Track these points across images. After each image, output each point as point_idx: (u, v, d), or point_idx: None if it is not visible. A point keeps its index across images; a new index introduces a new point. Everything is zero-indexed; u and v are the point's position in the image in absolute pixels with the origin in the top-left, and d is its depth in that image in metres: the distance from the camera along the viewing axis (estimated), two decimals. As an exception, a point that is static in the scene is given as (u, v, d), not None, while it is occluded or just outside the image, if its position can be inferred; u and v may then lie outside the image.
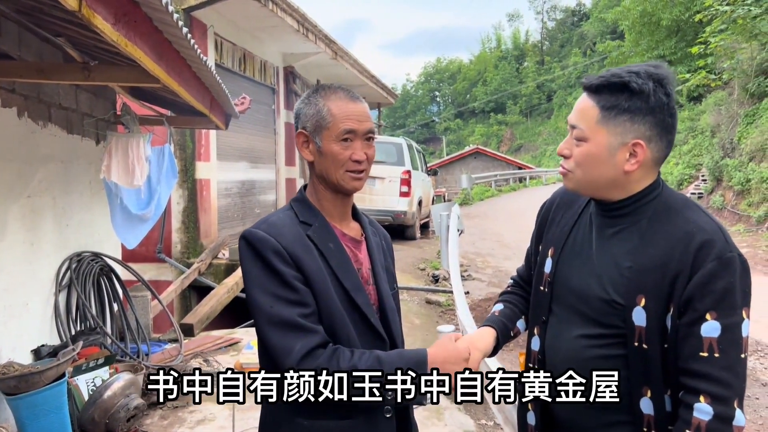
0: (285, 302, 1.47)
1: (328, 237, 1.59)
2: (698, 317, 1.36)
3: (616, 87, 1.45)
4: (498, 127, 62.12)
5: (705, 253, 1.37)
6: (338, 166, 1.58)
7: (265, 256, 1.49)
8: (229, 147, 9.79)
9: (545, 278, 1.67)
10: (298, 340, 1.44)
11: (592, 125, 1.47)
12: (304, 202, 1.65)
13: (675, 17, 26.32)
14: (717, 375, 1.34)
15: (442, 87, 79.00)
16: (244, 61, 10.34)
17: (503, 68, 67.35)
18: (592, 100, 1.49)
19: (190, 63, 4.18)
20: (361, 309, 1.56)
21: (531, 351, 1.72)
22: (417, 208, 12.93)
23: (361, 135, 1.59)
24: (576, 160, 1.52)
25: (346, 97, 1.61)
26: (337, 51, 12.23)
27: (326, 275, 1.53)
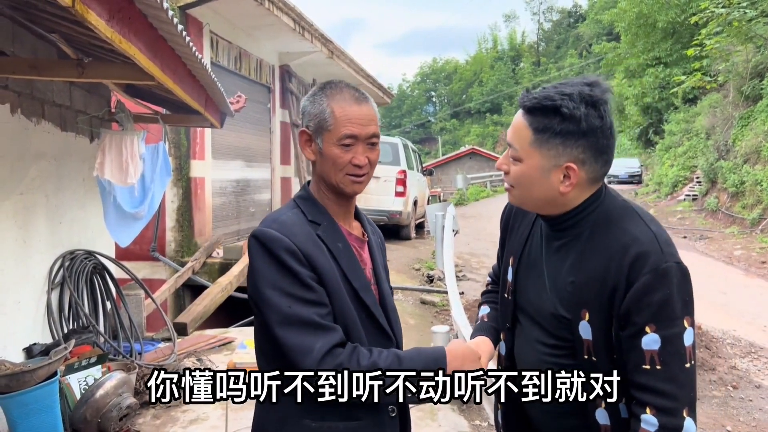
0: (303, 302, 1.45)
1: (337, 237, 1.58)
2: (637, 330, 1.35)
3: (548, 110, 1.43)
4: (494, 127, 62.15)
5: (639, 265, 1.35)
6: (338, 169, 1.56)
7: (280, 256, 1.47)
8: (224, 145, 9.76)
9: (508, 286, 1.69)
10: (318, 339, 1.42)
11: (526, 147, 1.47)
12: (310, 200, 1.63)
13: (671, 19, 26.38)
14: (660, 387, 1.34)
15: (438, 87, 79.03)
16: (239, 60, 10.31)
17: (499, 69, 67.42)
18: (526, 120, 1.47)
19: (185, 60, 4.15)
20: (369, 309, 1.56)
21: (499, 355, 1.76)
22: (412, 208, 12.92)
23: (363, 139, 1.56)
24: (513, 178, 1.53)
25: (351, 98, 1.57)
26: (333, 50, 12.21)
27: (337, 275, 1.52)
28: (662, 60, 28.23)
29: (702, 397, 5.19)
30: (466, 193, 25.70)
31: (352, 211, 1.69)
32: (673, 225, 16.87)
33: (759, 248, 12.86)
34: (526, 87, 1.50)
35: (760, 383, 5.56)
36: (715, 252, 13.15)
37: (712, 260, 12.22)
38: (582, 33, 58.94)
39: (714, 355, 6.07)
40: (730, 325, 7.24)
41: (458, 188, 26.13)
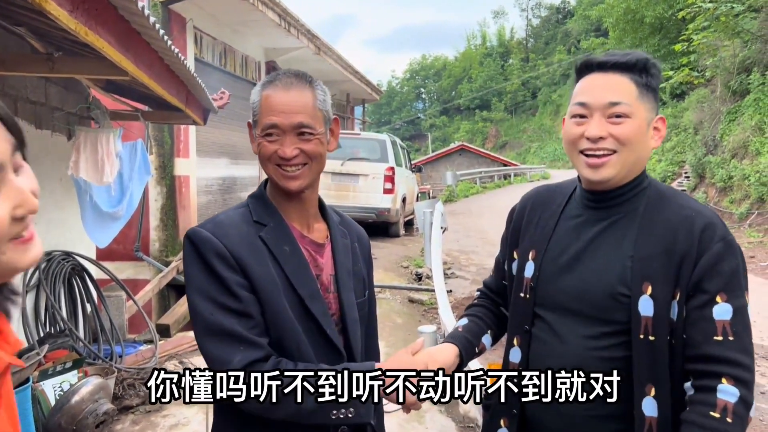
0: (226, 311, 1.34)
1: (284, 239, 1.45)
2: (709, 299, 1.33)
3: (642, 65, 1.46)
4: (483, 124, 62.22)
5: (709, 235, 1.36)
6: (265, 161, 1.45)
7: (208, 259, 1.36)
8: (209, 143, 9.62)
9: (526, 284, 1.57)
10: (238, 352, 1.33)
11: (634, 101, 1.43)
12: (261, 199, 1.51)
13: (658, 15, 26.44)
14: (736, 358, 1.30)
15: (427, 84, 79.01)
16: (224, 56, 10.17)
17: (488, 65, 67.44)
18: (625, 77, 1.45)
19: (162, 55, 4.03)
20: (316, 319, 1.43)
21: (509, 363, 1.60)
22: (401, 205, 12.83)
23: (289, 130, 1.42)
24: (621, 139, 1.43)
25: (280, 85, 1.44)
26: (320, 46, 12.09)
27: (278, 281, 1.40)
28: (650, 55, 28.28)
29: (692, 394, 5.13)
30: (456, 189, 25.63)
31: (312, 211, 1.55)
32: (662, 220, 16.86)
33: (747, 243, 12.87)
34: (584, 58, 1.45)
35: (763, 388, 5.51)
36: (704, 247, 13.14)
37: (701, 255, 12.20)
38: (570, 29, 59.07)
39: (704, 351, 6.02)
40: (720, 321, 7.19)
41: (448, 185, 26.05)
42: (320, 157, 1.46)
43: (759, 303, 8.21)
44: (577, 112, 1.47)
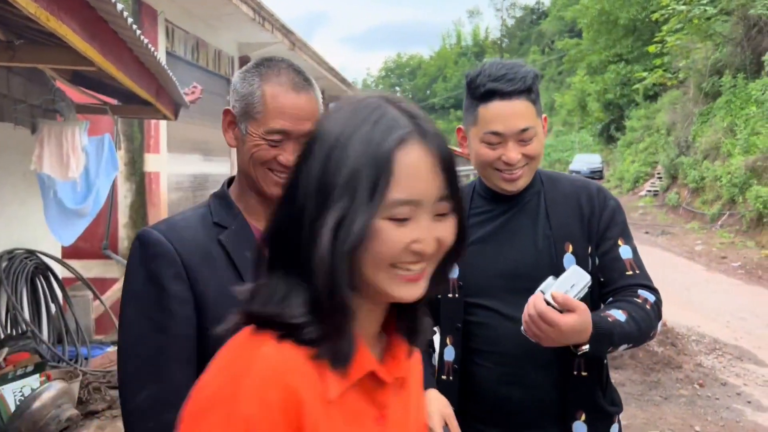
0: (155, 328, 1.22)
1: (245, 243, 1.31)
2: (614, 244, 1.63)
3: (531, 81, 1.60)
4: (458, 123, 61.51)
5: (603, 194, 1.68)
6: (258, 163, 1.30)
7: (151, 265, 1.23)
8: (181, 139, 9.40)
9: (453, 284, 1.65)
10: (148, 385, 1.20)
11: (535, 119, 1.61)
12: (223, 198, 1.37)
13: (632, 16, 26.75)
14: (645, 282, 1.61)
15: (402, 82, 79.07)
16: (197, 50, 9.96)
17: (463, 64, 67.69)
18: (525, 100, 1.58)
19: (131, 46, 3.86)
20: None
21: (444, 362, 1.67)
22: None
23: (295, 137, 1.29)
24: (532, 155, 1.62)
25: (289, 84, 1.30)
26: (295, 42, 11.92)
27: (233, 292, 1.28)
28: (624, 57, 28.61)
29: (669, 396, 5.12)
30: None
31: None
32: (635, 220, 17.03)
33: (719, 243, 13.04)
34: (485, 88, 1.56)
35: (726, 381, 5.52)
36: (677, 247, 13.29)
37: (674, 256, 12.33)
38: (545, 30, 59.55)
39: (680, 352, 6.03)
40: (695, 322, 7.23)
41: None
42: None
43: (732, 303, 8.30)
44: (490, 140, 1.60)
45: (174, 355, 1.23)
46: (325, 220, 0.77)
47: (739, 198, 14.05)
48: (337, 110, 0.85)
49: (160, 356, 1.22)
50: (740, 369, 5.85)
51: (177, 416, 1.19)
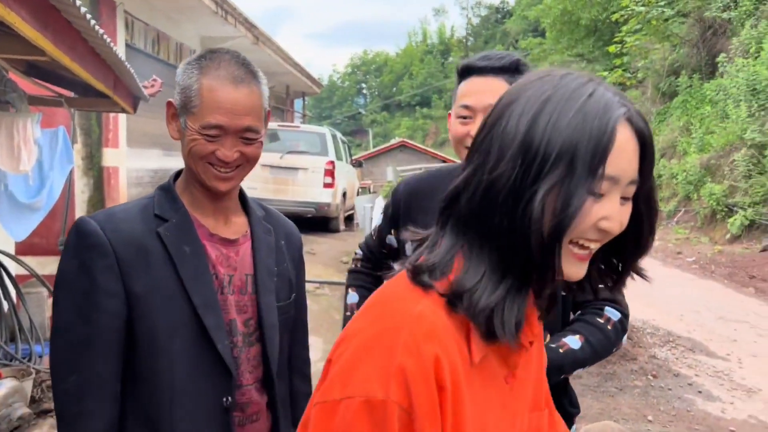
0: (83, 319, 1.23)
1: (186, 238, 1.31)
2: None
3: (515, 67, 1.62)
4: (423, 120, 62.62)
5: None
6: (197, 157, 1.30)
7: (85, 255, 1.24)
8: (141, 133, 9.25)
9: None
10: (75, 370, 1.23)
11: None
12: (167, 191, 1.37)
13: (593, 17, 27.18)
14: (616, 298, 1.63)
15: (368, 79, 78.98)
16: (158, 43, 9.80)
17: (429, 62, 67.94)
18: (501, 79, 1.59)
19: (86, 36, 3.78)
20: (207, 331, 1.28)
21: None
22: (341, 200, 12.70)
23: (233, 132, 1.28)
24: None
25: (227, 78, 1.27)
26: (258, 36, 11.82)
27: (170, 287, 1.26)
28: (585, 56, 29.06)
29: (624, 387, 5.25)
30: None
31: (230, 205, 1.42)
32: (595, 217, 17.32)
33: (675, 239, 13.38)
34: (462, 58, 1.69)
35: (678, 372, 5.69)
36: (635, 243, 13.57)
37: (632, 251, 12.59)
38: (509, 29, 60.14)
39: (635, 345, 6.18)
40: (650, 315, 7.42)
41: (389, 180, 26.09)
42: (256, 160, 1.35)
43: (686, 297, 8.53)
44: (462, 113, 1.62)
45: (98, 347, 1.24)
46: (537, 188, 0.76)
47: (694, 195, 14.44)
48: (536, 78, 0.83)
49: (85, 347, 1.23)
50: (692, 360, 6.02)
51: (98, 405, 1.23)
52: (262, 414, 1.41)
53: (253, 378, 1.39)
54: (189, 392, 1.29)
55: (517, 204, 0.76)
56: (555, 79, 0.81)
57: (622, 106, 0.79)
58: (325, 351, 5.35)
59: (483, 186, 0.80)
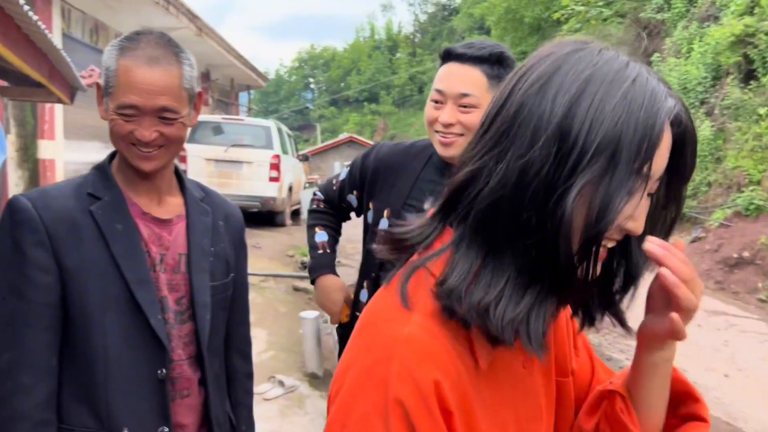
0: (16, 295, 1.27)
1: (118, 216, 1.34)
2: None
3: (496, 58, 1.62)
4: (372, 116, 62.71)
5: None
6: (117, 139, 1.33)
7: (16, 232, 1.26)
8: (79, 125, 9.01)
9: None
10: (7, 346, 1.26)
11: (483, 93, 1.60)
12: (102, 170, 1.39)
13: (537, 15, 27.77)
14: None
15: (316, 74, 78.54)
16: (96, 32, 9.55)
17: (376, 58, 68.06)
18: (477, 69, 1.61)
19: (19, 23, 3.69)
20: (141, 307, 1.32)
21: (359, 302, 1.84)
22: (287, 194, 12.65)
23: (149, 112, 1.29)
24: (467, 126, 1.60)
25: (143, 58, 1.29)
26: (201, 27, 11.65)
27: (102, 263, 1.30)
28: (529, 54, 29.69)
29: (560, 371, 5.46)
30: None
31: (163, 186, 1.44)
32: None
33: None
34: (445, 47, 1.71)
35: (610, 356, 5.95)
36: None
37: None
38: (456, 26, 60.77)
39: (571, 331, 6.43)
40: (586, 303, 7.71)
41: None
42: (180, 141, 1.36)
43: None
44: (435, 97, 1.64)
45: (31, 322, 1.27)
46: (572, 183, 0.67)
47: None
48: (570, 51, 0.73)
49: (16, 321, 1.26)
50: (624, 345, 6.31)
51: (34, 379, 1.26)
52: (194, 389, 1.45)
53: (186, 354, 1.43)
54: (123, 365, 1.32)
55: (548, 199, 0.67)
56: (592, 54, 0.71)
57: (669, 97, 0.70)
58: (269, 342, 5.38)
59: (508, 175, 0.69)
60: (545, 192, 0.67)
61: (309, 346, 4.79)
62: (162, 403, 1.36)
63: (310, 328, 4.76)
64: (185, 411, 1.43)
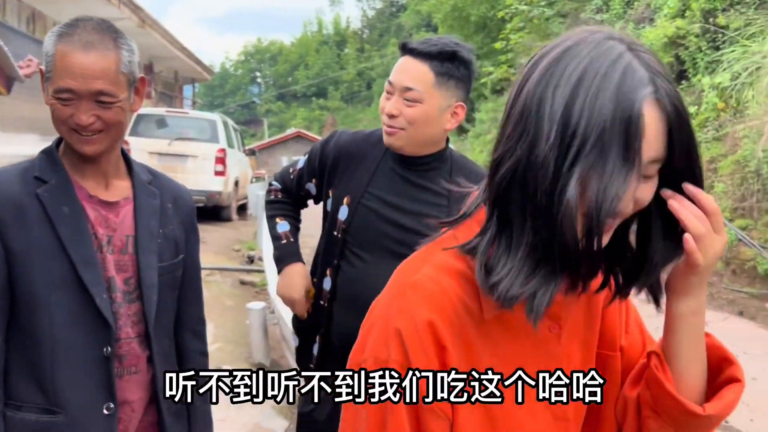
0: None
1: (64, 199, 1.38)
2: None
3: (448, 55, 1.66)
4: (320, 111, 62.40)
5: None
6: (58, 123, 1.37)
7: None
8: (15, 117, 8.73)
9: (339, 225, 1.80)
10: None
11: (428, 89, 1.66)
12: (49, 154, 1.43)
13: (482, 14, 28.19)
14: None
15: (263, 68, 77.63)
16: (33, 21, 9.28)
17: (324, 53, 67.74)
18: (426, 65, 1.66)
19: (-47, 9, 3.61)
20: (86, 288, 1.37)
21: (322, 290, 1.87)
22: (233, 189, 12.55)
23: (86, 96, 1.32)
24: (409, 120, 1.67)
25: (79, 42, 1.32)
26: (144, 18, 11.44)
27: (48, 245, 1.34)
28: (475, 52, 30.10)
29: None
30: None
31: (110, 169, 1.48)
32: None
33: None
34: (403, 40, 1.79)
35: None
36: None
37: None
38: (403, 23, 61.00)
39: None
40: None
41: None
42: (120, 124, 1.40)
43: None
44: (387, 88, 1.72)
45: None
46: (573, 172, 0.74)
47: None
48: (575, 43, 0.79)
49: None
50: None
51: None
52: (142, 367, 1.50)
53: (134, 332, 1.48)
54: (69, 343, 1.37)
55: (554, 186, 0.75)
56: (592, 45, 0.77)
57: (650, 83, 0.75)
58: (215, 335, 5.38)
59: (520, 163, 0.77)
60: (552, 179, 0.74)
61: (256, 336, 4.83)
62: (107, 380, 1.41)
63: (256, 318, 4.81)
64: (134, 387, 1.49)
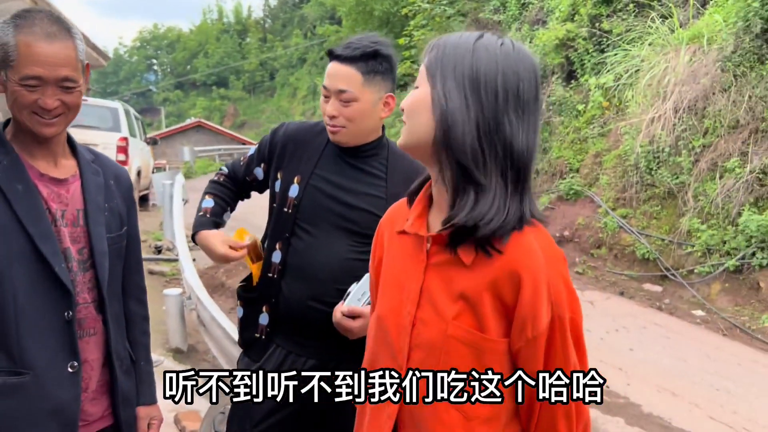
0: None
1: (17, 177, 1.51)
2: None
3: (370, 55, 1.87)
4: (221, 101, 60.94)
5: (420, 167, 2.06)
6: (21, 108, 1.49)
7: None
8: None
9: (290, 202, 1.98)
10: None
11: (359, 87, 1.86)
12: None
13: (386, 9, 28.58)
14: None
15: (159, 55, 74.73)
16: None
17: (225, 42, 66.11)
18: (352, 67, 1.86)
19: None
20: (46, 259, 1.49)
21: (272, 263, 2.00)
22: (136, 179, 12.21)
23: (52, 82, 1.46)
24: (348, 118, 1.89)
25: (41, 34, 1.44)
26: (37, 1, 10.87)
27: (7, 222, 1.47)
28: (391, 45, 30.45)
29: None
30: (194, 166, 24.96)
31: (58, 149, 1.62)
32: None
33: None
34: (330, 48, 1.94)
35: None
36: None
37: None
38: (307, 14, 60.61)
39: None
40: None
41: (185, 161, 25.23)
42: (78, 107, 1.54)
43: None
44: (323, 92, 1.93)
45: None
46: None
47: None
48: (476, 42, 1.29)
49: None
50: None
51: None
52: (99, 329, 1.65)
53: (91, 298, 1.63)
54: (32, 310, 1.50)
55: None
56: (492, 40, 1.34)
57: None
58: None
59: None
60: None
61: (173, 322, 4.89)
62: (71, 342, 1.56)
63: (173, 304, 4.87)
64: (92, 348, 1.64)
